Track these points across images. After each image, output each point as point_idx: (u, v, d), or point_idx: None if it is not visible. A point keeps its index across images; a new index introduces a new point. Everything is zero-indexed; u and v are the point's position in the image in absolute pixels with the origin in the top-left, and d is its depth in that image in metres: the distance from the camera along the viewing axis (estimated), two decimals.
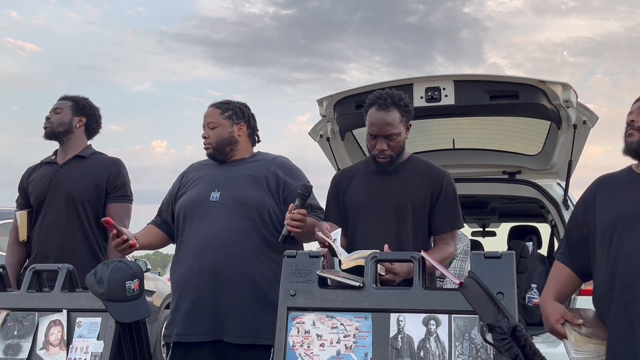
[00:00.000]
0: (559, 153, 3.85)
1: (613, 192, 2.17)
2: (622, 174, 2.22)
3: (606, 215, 2.11)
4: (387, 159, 2.38)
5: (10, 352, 2.18)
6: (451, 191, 2.40)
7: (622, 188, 2.16)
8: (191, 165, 2.81)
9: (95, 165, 2.97)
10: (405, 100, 2.40)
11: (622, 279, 1.99)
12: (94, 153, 3.03)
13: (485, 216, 6.43)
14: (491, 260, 1.76)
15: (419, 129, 4.10)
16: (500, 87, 3.27)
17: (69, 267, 2.29)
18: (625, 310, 1.98)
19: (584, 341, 1.99)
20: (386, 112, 2.34)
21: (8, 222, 5.32)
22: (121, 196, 2.98)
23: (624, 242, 2.02)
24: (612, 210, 2.10)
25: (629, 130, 2.12)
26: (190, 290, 2.47)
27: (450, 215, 2.38)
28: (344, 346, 1.79)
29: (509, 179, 4.27)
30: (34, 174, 2.99)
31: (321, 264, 1.90)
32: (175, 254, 2.64)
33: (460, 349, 1.71)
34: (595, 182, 2.27)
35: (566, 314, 2.09)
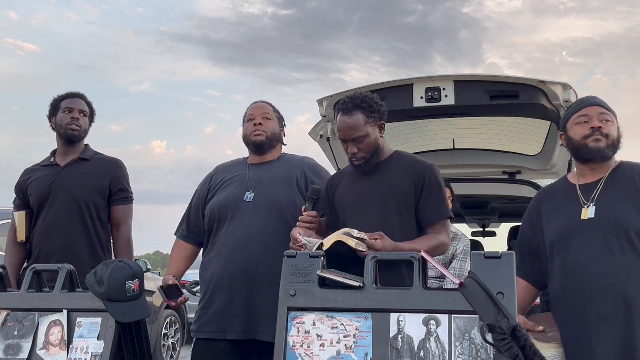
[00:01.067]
0: (559, 153, 3.85)
1: (554, 205, 2.26)
2: (560, 185, 2.32)
3: (551, 229, 2.22)
4: (361, 161, 2.39)
5: (11, 352, 2.18)
6: (435, 181, 2.37)
7: (561, 200, 2.25)
8: (217, 168, 2.84)
9: (98, 166, 2.99)
10: (369, 101, 2.40)
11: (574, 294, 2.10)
12: (95, 154, 3.05)
13: (485, 216, 6.43)
14: (491, 260, 1.76)
15: (419, 129, 4.11)
16: (500, 87, 3.27)
17: (69, 267, 2.29)
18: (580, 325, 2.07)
19: (545, 347, 2.06)
20: (349, 116, 2.36)
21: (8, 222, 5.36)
22: (124, 198, 3.03)
23: (569, 254, 2.13)
24: (555, 223, 2.21)
25: (596, 136, 2.17)
26: (224, 289, 2.51)
27: (437, 205, 2.36)
28: (344, 346, 1.79)
29: (509, 179, 4.28)
30: (33, 176, 2.98)
31: (321, 264, 1.90)
32: (207, 252, 2.66)
33: (460, 349, 1.71)
34: (538, 197, 2.38)
35: (527, 323, 2.15)
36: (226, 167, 2.80)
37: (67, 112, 2.98)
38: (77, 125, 2.97)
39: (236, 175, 2.70)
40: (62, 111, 2.99)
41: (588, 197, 2.18)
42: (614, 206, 2.13)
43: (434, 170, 2.40)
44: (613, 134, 2.20)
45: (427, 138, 4.23)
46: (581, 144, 2.20)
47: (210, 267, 2.59)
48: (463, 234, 3.68)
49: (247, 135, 2.72)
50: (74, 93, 3.05)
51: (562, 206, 2.23)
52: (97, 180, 2.95)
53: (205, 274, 2.62)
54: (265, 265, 2.48)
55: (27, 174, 3.03)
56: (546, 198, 2.32)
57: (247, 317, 2.48)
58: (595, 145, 2.17)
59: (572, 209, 2.18)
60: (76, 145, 3.01)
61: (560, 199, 2.26)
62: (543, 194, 2.37)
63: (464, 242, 3.62)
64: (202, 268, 2.66)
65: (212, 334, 2.52)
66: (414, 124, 3.95)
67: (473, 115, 3.70)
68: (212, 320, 2.53)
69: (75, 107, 2.99)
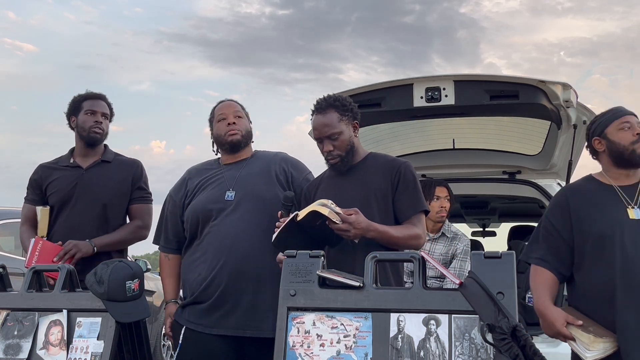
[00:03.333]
0: (559, 153, 3.85)
1: (592, 202, 2.34)
2: (590, 184, 2.41)
3: (596, 224, 2.28)
4: (337, 159, 2.43)
5: (11, 352, 2.19)
6: (410, 176, 2.43)
7: (600, 199, 2.34)
8: (190, 171, 2.80)
9: (120, 169, 3.02)
10: (343, 101, 2.46)
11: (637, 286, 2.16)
12: (115, 156, 3.08)
13: (485, 216, 6.43)
14: (491, 260, 1.76)
15: (419, 129, 4.11)
16: (500, 87, 3.27)
17: (69, 267, 2.29)
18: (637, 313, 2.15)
19: (597, 342, 2.12)
20: (323, 114, 2.42)
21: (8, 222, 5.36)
22: (142, 197, 3.06)
23: (631, 250, 2.20)
24: (599, 219, 2.28)
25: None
26: (214, 288, 2.50)
27: (412, 199, 2.40)
28: (344, 346, 1.79)
29: (509, 179, 4.28)
30: (54, 175, 2.97)
31: (321, 264, 1.90)
32: (189, 254, 2.65)
33: (460, 349, 1.71)
34: (567, 192, 2.46)
35: (568, 316, 2.21)
36: (199, 170, 2.76)
37: (90, 114, 2.96)
38: (100, 129, 2.97)
39: (212, 177, 2.68)
40: (84, 112, 2.97)
41: (630, 199, 2.31)
42: None
43: (409, 167, 2.46)
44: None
45: (427, 138, 4.23)
46: (628, 149, 2.33)
47: (196, 268, 2.57)
48: (463, 234, 3.69)
49: (221, 136, 2.69)
50: (97, 94, 3.04)
51: (602, 204, 2.32)
52: (119, 183, 2.98)
53: (190, 276, 2.59)
54: (254, 261, 2.49)
55: (45, 171, 3.01)
56: (578, 194, 2.39)
57: (240, 314, 2.48)
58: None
59: (616, 208, 2.29)
60: (97, 147, 3.02)
61: (598, 198, 2.35)
62: (574, 190, 2.45)
63: (464, 242, 3.62)
64: (185, 271, 2.65)
65: (202, 327, 2.52)
66: (414, 124, 3.95)
67: (473, 115, 3.70)
68: (204, 315, 2.52)
69: (98, 110, 2.98)
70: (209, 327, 2.51)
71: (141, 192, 3.05)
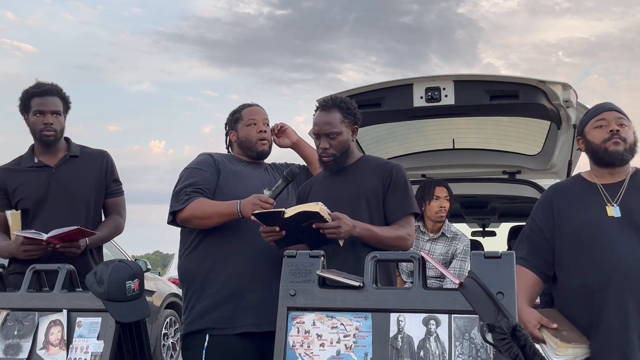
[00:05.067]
0: (559, 153, 3.85)
1: (573, 200, 2.31)
2: (577, 183, 2.38)
3: (573, 223, 2.25)
4: (331, 158, 2.46)
5: (10, 352, 2.19)
6: (401, 179, 2.46)
7: (581, 197, 2.30)
8: (213, 156, 2.71)
9: (89, 162, 2.91)
10: (348, 104, 2.51)
11: (615, 286, 2.12)
12: (81, 149, 2.95)
13: (485, 216, 6.43)
14: (491, 260, 1.76)
15: (419, 129, 4.11)
16: (500, 87, 3.27)
17: (69, 267, 2.29)
18: (619, 315, 2.11)
19: (564, 346, 2.10)
20: (327, 112, 2.47)
21: None
22: (117, 190, 2.99)
23: (607, 249, 2.16)
24: (577, 218, 2.25)
25: (615, 139, 2.25)
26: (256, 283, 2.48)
27: (401, 201, 2.43)
28: (344, 346, 1.79)
29: (509, 179, 4.28)
30: (20, 178, 2.82)
31: (321, 264, 1.90)
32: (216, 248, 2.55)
33: (460, 349, 1.71)
34: (552, 191, 2.44)
35: (542, 319, 2.19)
36: (224, 159, 2.71)
37: (39, 115, 2.78)
38: (51, 130, 2.78)
39: (245, 170, 2.68)
40: (33, 113, 2.78)
41: (612, 197, 2.26)
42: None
43: (400, 169, 2.50)
44: (630, 138, 2.29)
45: (427, 138, 4.23)
46: (601, 148, 2.28)
47: (229, 265, 2.51)
48: (463, 234, 3.69)
49: (252, 141, 2.72)
50: (44, 89, 2.80)
51: (583, 202, 2.28)
52: (94, 178, 2.88)
53: (221, 272, 2.52)
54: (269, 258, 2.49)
55: (8, 175, 2.84)
56: (562, 193, 2.37)
57: (260, 309, 2.47)
58: (614, 149, 2.25)
59: (595, 205, 2.25)
60: (55, 146, 2.86)
61: (580, 196, 2.31)
62: (558, 189, 2.43)
63: (464, 242, 3.62)
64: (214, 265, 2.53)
65: (252, 327, 2.47)
66: (414, 124, 3.95)
67: (473, 115, 3.70)
68: (245, 314, 2.48)
69: (46, 109, 2.77)
70: (260, 325, 2.46)
71: (117, 184, 2.97)
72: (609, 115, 2.30)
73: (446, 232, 3.63)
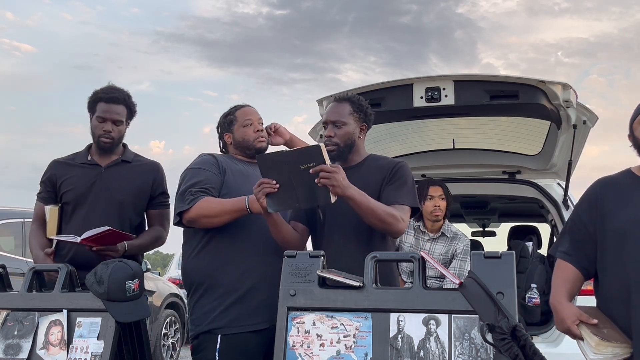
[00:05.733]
0: (559, 153, 3.85)
1: (620, 195, 2.21)
2: (625, 178, 2.27)
3: (619, 218, 2.15)
4: (334, 147, 2.47)
5: (11, 352, 2.19)
6: (401, 173, 2.46)
7: (628, 191, 2.20)
8: (214, 156, 2.70)
9: (140, 170, 2.94)
10: (360, 101, 2.55)
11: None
12: (135, 156, 2.99)
13: (485, 216, 6.43)
14: (491, 260, 1.76)
15: (419, 129, 4.11)
16: (500, 87, 3.27)
17: (69, 267, 2.29)
18: None
19: (604, 345, 2.01)
20: (339, 102, 2.54)
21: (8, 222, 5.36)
22: (163, 202, 3.01)
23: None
24: (624, 212, 2.15)
25: None
26: (267, 283, 2.46)
27: (397, 191, 2.41)
28: (344, 346, 1.79)
29: (509, 179, 4.28)
30: (70, 173, 2.87)
31: (321, 264, 1.90)
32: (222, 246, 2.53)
33: (460, 349, 1.71)
34: (598, 184, 2.31)
35: (582, 314, 2.10)
36: (225, 159, 2.70)
37: (100, 121, 2.83)
38: (109, 137, 2.83)
39: (246, 170, 2.66)
40: (96, 117, 2.84)
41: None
42: None
43: (404, 166, 2.50)
44: None
45: (427, 138, 4.23)
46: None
47: (241, 264, 2.50)
48: (463, 234, 3.69)
49: (249, 141, 2.72)
50: (111, 97, 2.85)
51: (629, 197, 2.20)
52: (139, 185, 2.90)
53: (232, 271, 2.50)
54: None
55: (60, 168, 2.91)
56: (608, 187, 2.28)
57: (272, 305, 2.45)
58: None
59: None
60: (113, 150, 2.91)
61: (626, 190, 2.23)
62: (605, 182, 2.32)
63: (464, 242, 3.62)
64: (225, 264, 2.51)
65: (263, 324, 2.45)
66: (414, 124, 3.95)
67: (473, 115, 3.70)
68: (257, 313, 2.47)
69: (108, 117, 2.83)
70: (247, 325, 2.46)
71: (164, 197, 3.00)
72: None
73: (446, 232, 3.63)
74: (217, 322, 2.47)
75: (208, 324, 2.48)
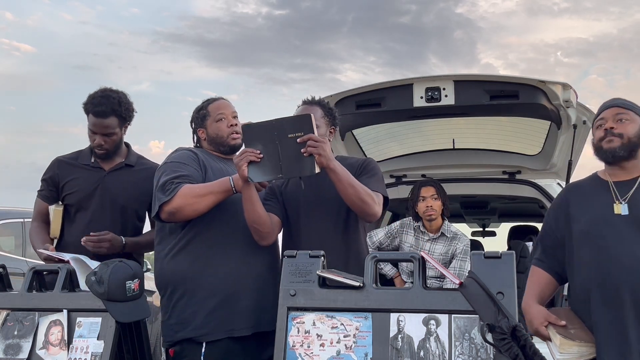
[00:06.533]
0: (559, 153, 3.85)
1: (584, 198, 2.30)
2: (591, 182, 2.36)
3: (581, 220, 2.24)
4: None
5: (11, 352, 2.19)
6: (371, 167, 2.54)
7: (592, 194, 2.29)
8: (194, 151, 2.62)
9: (144, 174, 2.87)
10: (328, 105, 2.65)
11: (610, 283, 2.11)
12: (138, 158, 2.97)
13: (485, 216, 6.43)
14: (491, 260, 1.76)
15: (419, 129, 4.11)
16: (500, 87, 3.27)
17: (69, 267, 2.29)
18: (615, 312, 2.08)
19: (568, 344, 2.06)
20: (309, 106, 2.59)
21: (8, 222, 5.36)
22: None
23: (606, 247, 2.14)
24: (585, 215, 2.24)
25: (609, 137, 2.25)
26: (250, 287, 2.44)
27: (369, 180, 2.47)
28: (344, 346, 1.79)
29: (509, 179, 4.28)
30: (74, 173, 2.85)
31: (321, 264, 1.90)
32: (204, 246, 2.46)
33: (460, 349, 1.71)
34: (566, 190, 2.44)
35: (549, 316, 2.16)
36: (205, 156, 2.62)
37: (92, 133, 2.82)
38: (102, 149, 2.83)
39: (224, 168, 2.60)
40: (89, 127, 2.82)
41: (622, 194, 2.23)
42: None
43: (372, 161, 2.63)
44: (629, 133, 2.25)
45: (427, 138, 4.23)
46: (597, 147, 2.29)
47: (222, 267, 2.43)
48: (463, 234, 3.69)
49: (223, 137, 2.63)
50: (99, 111, 2.78)
51: (592, 199, 2.27)
52: (142, 190, 2.84)
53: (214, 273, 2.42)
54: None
55: (63, 168, 2.88)
56: (575, 192, 2.36)
57: (261, 310, 2.43)
58: (608, 147, 2.24)
59: (604, 203, 2.23)
60: (112, 157, 2.89)
61: (590, 193, 2.31)
62: (572, 188, 2.42)
63: (464, 242, 3.62)
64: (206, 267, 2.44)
65: (249, 330, 2.41)
66: (414, 124, 3.95)
67: (473, 115, 3.70)
68: (241, 317, 2.41)
69: (98, 130, 2.80)
70: (232, 331, 2.40)
71: None
72: (607, 114, 2.30)
73: (446, 232, 3.63)
74: (201, 329, 2.37)
75: (192, 330, 2.38)
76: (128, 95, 2.90)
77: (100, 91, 2.85)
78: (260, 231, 2.40)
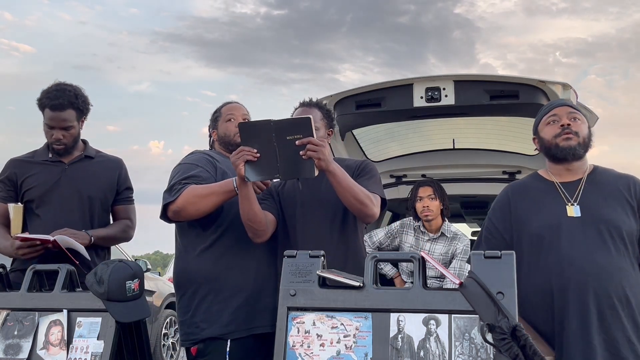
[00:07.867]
0: None
1: (532, 201, 2.25)
2: (536, 182, 2.31)
3: (533, 224, 2.19)
4: None
5: (11, 352, 2.19)
6: (369, 169, 2.55)
7: (540, 197, 2.24)
8: (209, 154, 2.69)
9: (104, 166, 2.95)
10: (326, 107, 2.64)
11: (573, 289, 2.07)
12: (97, 152, 2.99)
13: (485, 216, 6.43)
14: (491, 260, 1.76)
15: (419, 129, 4.11)
16: (500, 87, 3.28)
17: (69, 267, 2.29)
18: (579, 317, 2.06)
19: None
20: (308, 108, 2.59)
21: None
22: (129, 197, 3.02)
23: (564, 251, 2.11)
24: (537, 219, 2.19)
25: (566, 135, 2.20)
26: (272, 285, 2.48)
27: (367, 182, 2.47)
28: (344, 346, 1.80)
29: (509, 179, 4.28)
30: (32, 170, 2.83)
31: (321, 264, 1.90)
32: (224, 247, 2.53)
33: (460, 349, 1.71)
34: (510, 191, 2.36)
35: None
36: (220, 158, 2.69)
37: (49, 128, 2.79)
38: (61, 144, 2.81)
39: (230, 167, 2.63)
40: (45, 123, 2.80)
41: (570, 196, 2.20)
42: (601, 206, 2.15)
43: (370, 162, 2.61)
44: (583, 132, 2.23)
45: (427, 138, 4.24)
46: (552, 143, 2.24)
47: (246, 266, 2.51)
48: (463, 234, 3.69)
49: (230, 136, 2.71)
50: (55, 104, 2.74)
51: (542, 202, 2.23)
52: (105, 181, 2.91)
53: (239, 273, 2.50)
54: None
55: (20, 166, 2.86)
56: (520, 193, 2.31)
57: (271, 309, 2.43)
58: (566, 144, 2.20)
59: (555, 205, 2.19)
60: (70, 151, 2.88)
61: (538, 196, 2.26)
62: (515, 189, 2.36)
63: (464, 242, 3.62)
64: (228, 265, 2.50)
65: (269, 327, 2.43)
66: (414, 124, 3.95)
67: (473, 115, 3.70)
68: (262, 315, 2.47)
69: (56, 125, 2.78)
70: (253, 329, 2.46)
71: (129, 192, 3.02)
72: (560, 111, 2.26)
73: (446, 232, 3.63)
74: (227, 326, 2.44)
75: (218, 327, 2.44)
76: (83, 89, 2.88)
77: (55, 85, 2.84)
78: (255, 229, 2.42)
